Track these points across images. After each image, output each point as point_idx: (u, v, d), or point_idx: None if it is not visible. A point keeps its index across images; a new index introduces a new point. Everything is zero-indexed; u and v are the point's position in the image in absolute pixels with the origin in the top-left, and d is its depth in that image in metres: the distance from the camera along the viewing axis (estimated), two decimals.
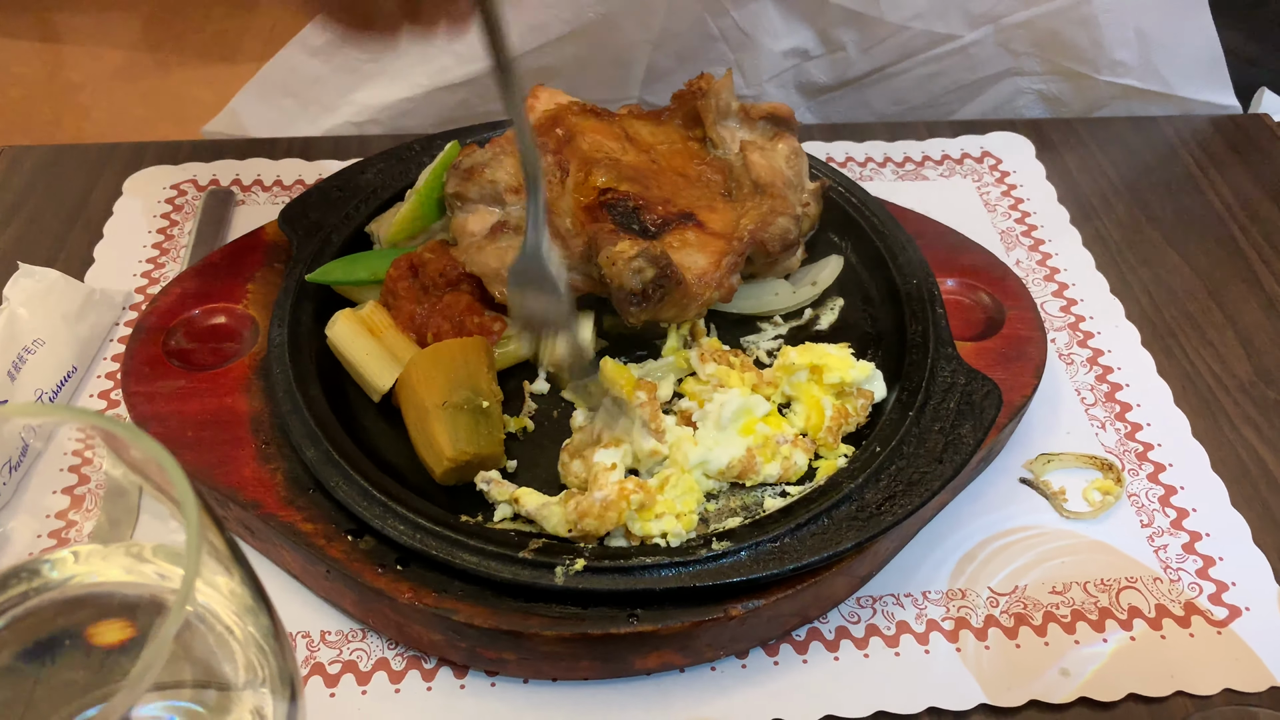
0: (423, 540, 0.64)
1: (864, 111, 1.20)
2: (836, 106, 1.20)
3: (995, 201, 1.02)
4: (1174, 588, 0.70)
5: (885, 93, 1.18)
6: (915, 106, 1.19)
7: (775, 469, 0.71)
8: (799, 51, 1.13)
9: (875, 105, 1.20)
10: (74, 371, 0.81)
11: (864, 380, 0.76)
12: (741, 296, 0.83)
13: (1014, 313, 0.83)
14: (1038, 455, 0.78)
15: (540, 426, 0.76)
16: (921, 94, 1.18)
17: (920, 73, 1.15)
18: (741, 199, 0.82)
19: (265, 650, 0.43)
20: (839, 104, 1.20)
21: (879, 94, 1.18)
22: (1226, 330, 0.89)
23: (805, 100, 1.20)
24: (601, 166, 0.81)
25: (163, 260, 0.93)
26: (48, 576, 0.43)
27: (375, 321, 0.77)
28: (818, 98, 1.19)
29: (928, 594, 0.70)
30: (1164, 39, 1.10)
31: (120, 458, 0.41)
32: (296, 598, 0.69)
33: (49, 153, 1.04)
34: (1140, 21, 1.09)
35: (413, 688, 0.65)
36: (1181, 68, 1.13)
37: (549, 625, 0.62)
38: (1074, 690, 0.65)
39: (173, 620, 0.32)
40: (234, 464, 0.71)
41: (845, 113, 1.20)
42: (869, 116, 1.20)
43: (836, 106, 1.20)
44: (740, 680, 0.65)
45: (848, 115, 1.21)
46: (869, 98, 1.19)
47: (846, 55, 1.13)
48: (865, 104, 1.20)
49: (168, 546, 0.44)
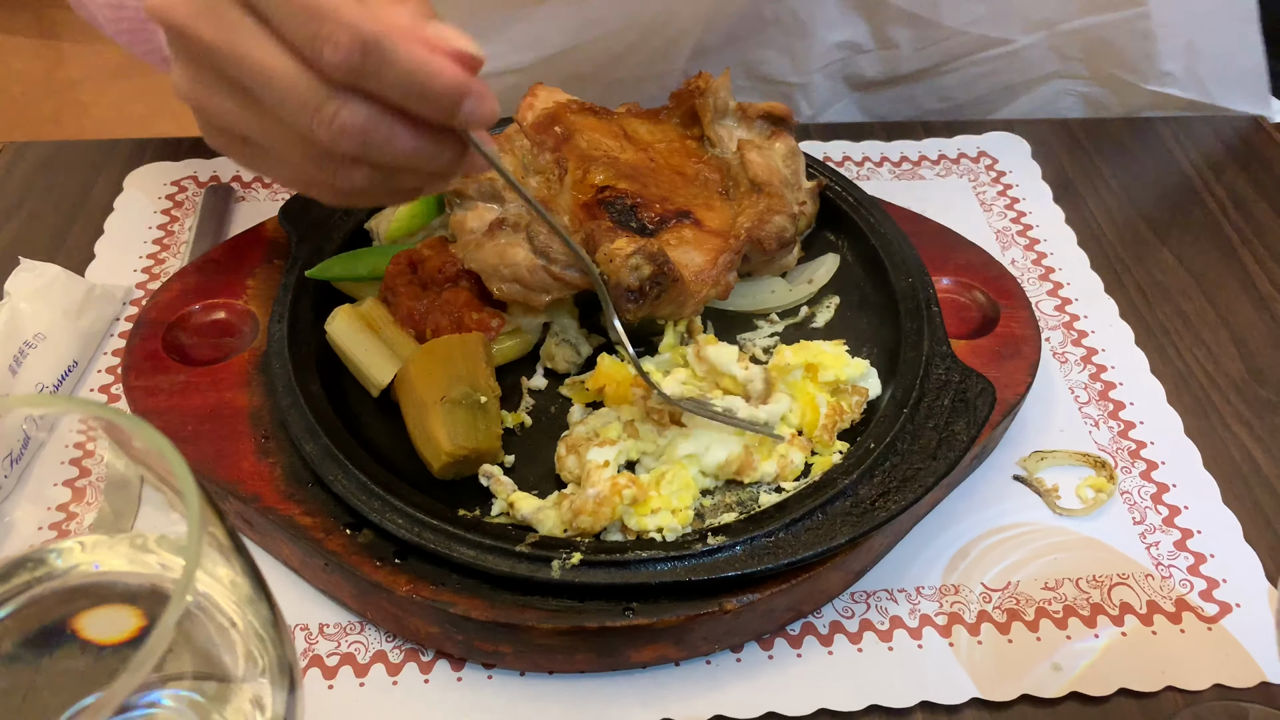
0: (421, 534, 0.64)
1: (907, 106, 1.20)
2: (880, 99, 1.20)
3: (991, 201, 1.02)
4: (1165, 584, 0.71)
5: (931, 90, 1.18)
6: (960, 104, 1.19)
7: (772, 467, 0.71)
8: (851, 45, 1.13)
9: (920, 101, 1.19)
10: (75, 366, 0.81)
11: (859, 377, 0.76)
12: (738, 294, 0.84)
13: (1008, 311, 0.83)
14: (1031, 453, 0.78)
15: (538, 422, 0.77)
16: (967, 92, 1.18)
17: (969, 73, 1.15)
18: (739, 197, 0.83)
19: (265, 640, 0.43)
20: (883, 98, 1.19)
21: (925, 90, 1.18)
22: (1220, 330, 0.90)
23: (850, 92, 1.19)
24: (599, 164, 0.81)
25: (163, 256, 0.93)
26: (53, 565, 0.43)
27: (374, 317, 0.77)
28: (864, 91, 1.19)
29: (921, 589, 0.70)
30: (1213, 51, 1.11)
31: (123, 449, 0.41)
32: (295, 590, 0.69)
33: (50, 149, 1.04)
34: (1194, 35, 1.10)
35: (410, 680, 0.65)
36: (1224, 78, 1.13)
37: (545, 618, 0.62)
38: (1065, 685, 0.65)
39: (175, 607, 0.33)
40: (233, 458, 0.71)
41: (888, 106, 1.20)
42: (912, 112, 1.20)
43: (880, 99, 1.20)
44: (735, 673, 0.66)
45: (890, 109, 1.20)
46: (915, 93, 1.18)
47: (899, 53, 1.13)
48: (910, 99, 1.19)
49: (171, 537, 0.45)
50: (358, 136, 0.53)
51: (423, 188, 0.63)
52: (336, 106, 0.52)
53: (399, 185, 0.60)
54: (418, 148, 0.55)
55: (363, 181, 0.57)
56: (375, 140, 0.54)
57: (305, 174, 0.58)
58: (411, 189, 0.62)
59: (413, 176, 0.59)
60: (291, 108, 0.53)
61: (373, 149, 0.54)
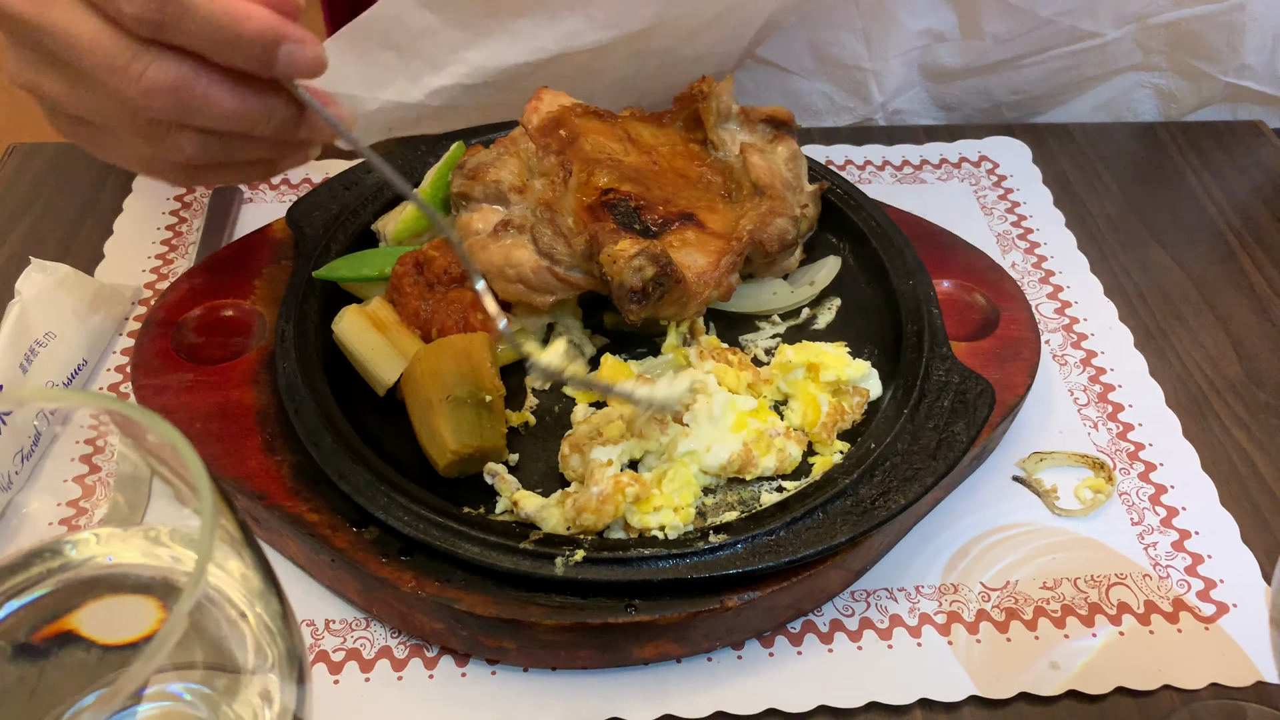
0: (426, 531, 0.65)
1: (979, 98, 1.18)
2: (952, 90, 1.17)
3: (992, 205, 1.03)
4: (1163, 584, 0.72)
5: (1006, 82, 1.15)
6: (1034, 96, 1.17)
7: (771, 461, 0.72)
8: (934, 33, 1.10)
9: (993, 93, 1.17)
10: (84, 364, 0.82)
11: (859, 378, 0.77)
12: (740, 296, 0.84)
13: (1008, 314, 0.84)
14: (1030, 454, 0.79)
15: (542, 421, 0.78)
16: (1044, 85, 1.16)
17: (1050, 65, 1.13)
18: (741, 200, 0.84)
19: (274, 633, 0.44)
20: (955, 88, 1.17)
21: (1000, 82, 1.15)
22: (1218, 333, 0.91)
23: (923, 81, 1.16)
24: (603, 167, 0.82)
25: (171, 256, 0.94)
26: (69, 557, 0.44)
27: (381, 317, 0.78)
28: (936, 81, 1.16)
29: (921, 588, 0.71)
30: None
31: (135, 442, 0.42)
32: (301, 587, 0.70)
33: (60, 150, 1.05)
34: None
35: (415, 675, 0.66)
36: None
37: (549, 615, 0.63)
38: (1063, 683, 0.66)
39: (188, 596, 0.34)
40: (241, 455, 0.72)
41: (958, 97, 1.18)
42: (983, 103, 1.18)
43: (952, 90, 1.17)
44: (736, 671, 0.67)
45: (960, 100, 1.18)
46: (989, 85, 1.16)
47: (982, 44, 1.10)
48: (983, 91, 1.17)
49: (183, 531, 0.46)
50: (170, 95, 0.50)
51: (275, 161, 0.59)
52: (145, 63, 0.49)
53: (240, 155, 0.56)
54: (241, 106, 0.52)
55: (194, 149, 0.54)
56: (191, 100, 0.50)
57: (140, 150, 0.56)
58: (258, 160, 0.58)
59: (254, 145, 0.55)
60: (101, 71, 0.50)
61: (192, 110, 0.51)
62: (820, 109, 1.16)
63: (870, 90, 1.14)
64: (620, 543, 0.66)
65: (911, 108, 1.18)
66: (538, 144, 0.84)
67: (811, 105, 1.16)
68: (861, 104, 1.15)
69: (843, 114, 1.17)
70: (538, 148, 0.84)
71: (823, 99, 1.15)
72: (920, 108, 1.18)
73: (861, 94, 1.14)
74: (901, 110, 1.17)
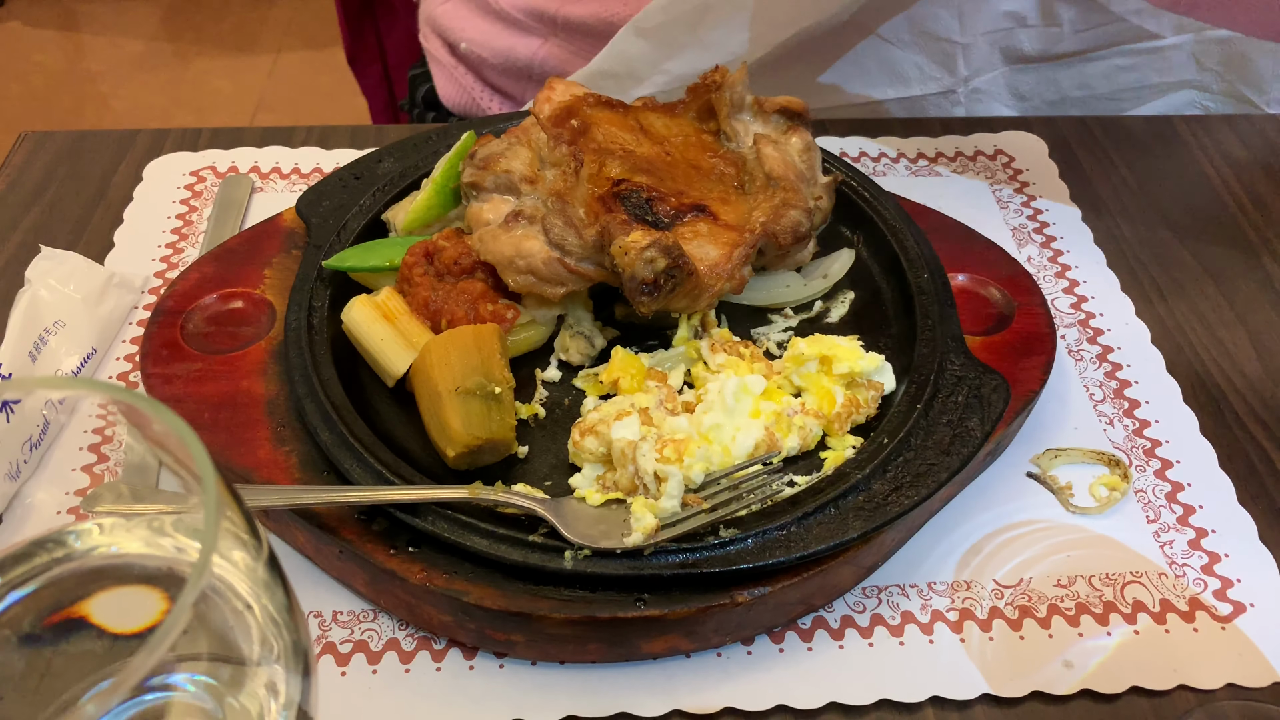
0: (434, 523, 0.65)
1: (1049, 89, 1.23)
2: (1027, 77, 1.22)
3: (1008, 199, 1.02)
4: (1179, 583, 0.71)
5: (1076, 75, 1.21)
6: (1097, 95, 1.22)
7: (795, 441, 0.72)
8: (1017, 16, 1.15)
9: (1062, 86, 1.22)
10: (93, 353, 0.82)
11: (873, 371, 0.76)
12: (753, 288, 0.84)
13: (1024, 308, 0.83)
14: (1045, 450, 0.78)
15: (551, 413, 0.77)
16: (1107, 85, 1.21)
17: (1115, 63, 1.18)
18: (754, 192, 0.83)
19: (280, 625, 0.44)
20: (1030, 76, 1.22)
21: (1070, 75, 1.21)
22: (1237, 329, 0.89)
23: (1004, 64, 1.21)
24: (616, 158, 0.81)
25: (181, 245, 0.94)
26: (72, 547, 0.44)
27: (390, 308, 0.78)
28: (1015, 65, 1.21)
29: (933, 585, 0.70)
30: None
31: (141, 432, 0.42)
32: (309, 578, 0.70)
33: (71, 139, 1.05)
34: None
35: (422, 668, 0.66)
36: None
37: (557, 608, 0.63)
38: (1077, 682, 0.65)
39: (192, 586, 0.33)
40: (249, 446, 0.72)
41: (1031, 86, 1.22)
42: (1053, 95, 1.23)
43: (1027, 77, 1.22)
44: (746, 667, 0.66)
45: (1033, 89, 1.23)
46: (1059, 76, 1.21)
47: (1059, 31, 1.16)
48: (1054, 82, 1.22)
49: (188, 521, 0.45)
50: None
51: None
52: None
53: None
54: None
55: None
56: None
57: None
58: None
59: None
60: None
61: None
62: (910, 77, 1.22)
63: (958, 64, 1.19)
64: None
65: (989, 89, 1.22)
66: (549, 134, 0.83)
67: (904, 74, 1.21)
68: (947, 75, 1.21)
69: (929, 83, 1.22)
70: (549, 138, 0.83)
71: (914, 68, 1.21)
72: (996, 90, 1.23)
73: (950, 65, 1.19)
74: (980, 90, 1.22)
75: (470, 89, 1.26)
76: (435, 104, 1.34)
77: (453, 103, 1.30)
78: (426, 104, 1.37)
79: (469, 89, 1.27)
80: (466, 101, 1.28)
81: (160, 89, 3.10)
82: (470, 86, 1.26)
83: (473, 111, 1.28)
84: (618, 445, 0.68)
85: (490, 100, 1.26)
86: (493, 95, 1.26)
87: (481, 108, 1.26)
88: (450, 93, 1.29)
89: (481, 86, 1.26)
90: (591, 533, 0.64)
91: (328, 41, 3.19)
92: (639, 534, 0.63)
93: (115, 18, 3.35)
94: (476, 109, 1.27)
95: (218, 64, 3.21)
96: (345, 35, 1.57)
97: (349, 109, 2.64)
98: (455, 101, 1.29)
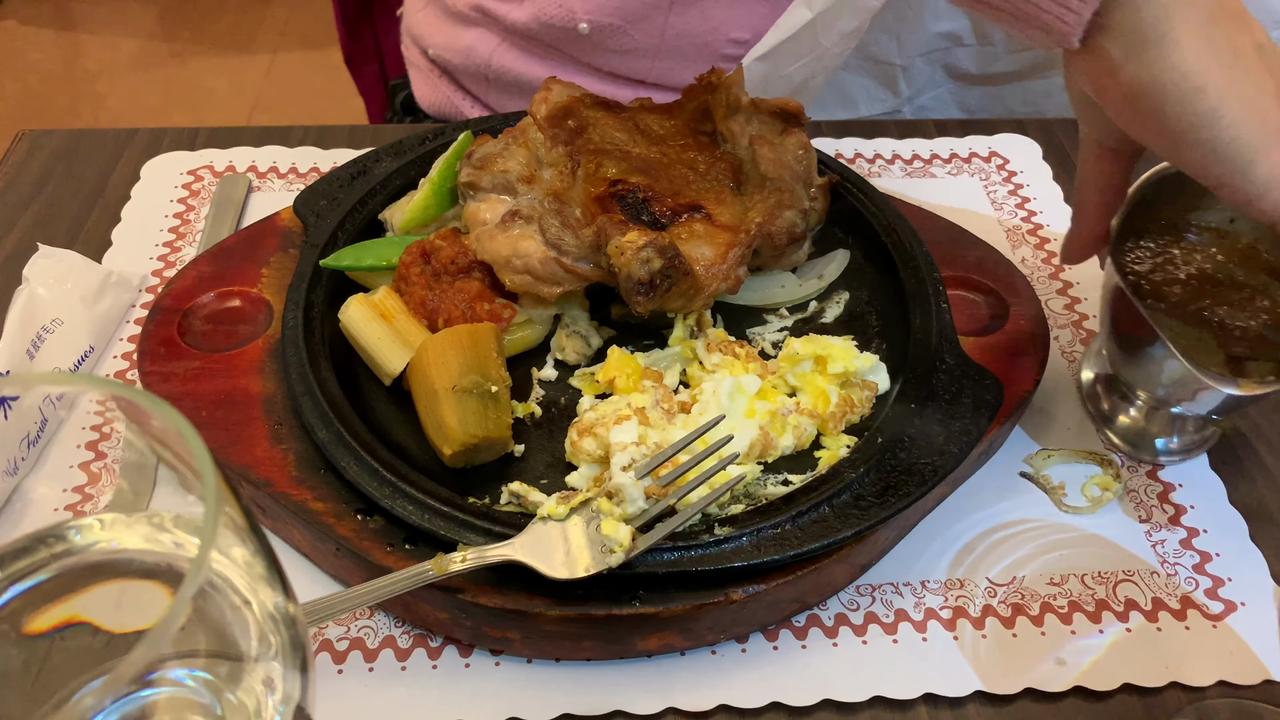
0: (430, 520, 0.65)
1: (996, 105, 1.24)
2: (972, 94, 1.24)
3: (1002, 200, 1.02)
4: (1170, 582, 0.71)
5: (1019, 93, 1.22)
6: (1043, 111, 1.23)
7: (790, 440, 0.72)
8: (952, 36, 1.17)
9: (1008, 102, 1.24)
10: (91, 351, 0.82)
11: (867, 371, 0.77)
12: (748, 289, 0.84)
13: (1017, 309, 0.84)
14: (1038, 450, 0.79)
15: (547, 412, 0.78)
16: (1052, 102, 1.22)
17: (1055, 82, 1.19)
18: (750, 192, 0.83)
19: (278, 621, 0.44)
20: (975, 93, 1.24)
21: (1013, 93, 1.22)
22: None
23: (949, 82, 1.23)
24: (612, 158, 0.82)
25: (179, 244, 0.94)
26: (73, 542, 0.44)
27: (387, 306, 0.78)
28: (959, 82, 1.23)
29: (926, 583, 0.71)
30: None
31: (140, 428, 0.42)
32: (306, 575, 0.70)
33: (68, 137, 1.05)
34: None
35: (419, 665, 0.66)
36: None
37: (553, 605, 0.63)
38: (1069, 680, 0.66)
39: (191, 581, 0.33)
40: (246, 443, 0.72)
41: (977, 102, 1.24)
42: (1000, 111, 1.24)
43: (972, 94, 1.24)
44: (740, 664, 0.66)
45: (979, 105, 1.25)
46: (1004, 94, 1.23)
47: (994, 51, 1.17)
48: (999, 98, 1.24)
49: (187, 517, 0.46)
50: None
51: None
52: None
53: None
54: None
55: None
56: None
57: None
58: None
59: None
60: None
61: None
62: (858, 99, 1.24)
63: (899, 84, 1.21)
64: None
65: (934, 106, 1.24)
66: (546, 134, 0.84)
67: (851, 97, 1.24)
68: (892, 96, 1.22)
69: (875, 104, 1.24)
70: (546, 138, 0.84)
71: (861, 90, 1.23)
72: (943, 107, 1.24)
73: (893, 86, 1.21)
74: (926, 108, 1.23)
75: (450, 95, 1.26)
76: (414, 109, 1.34)
77: (432, 108, 1.29)
78: (405, 109, 1.37)
79: (447, 94, 1.26)
80: (443, 103, 1.27)
81: (157, 88, 3.10)
82: (449, 93, 1.26)
83: (452, 116, 1.27)
84: (615, 450, 0.69)
85: (463, 101, 1.25)
86: (464, 97, 1.26)
87: (462, 113, 1.25)
88: (429, 98, 1.29)
89: (453, 88, 1.26)
90: (572, 562, 0.63)
91: (324, 42, 3.19)
92: (619, 553, 0.63)
93: (112, 17, 3.35)
94: (457, 113, 1.26)
95: (214, 63, 3.21)
96: (342, 36, 1.57)
97: (345, 109, 2.65)
98: (433, 105, 1.29)
